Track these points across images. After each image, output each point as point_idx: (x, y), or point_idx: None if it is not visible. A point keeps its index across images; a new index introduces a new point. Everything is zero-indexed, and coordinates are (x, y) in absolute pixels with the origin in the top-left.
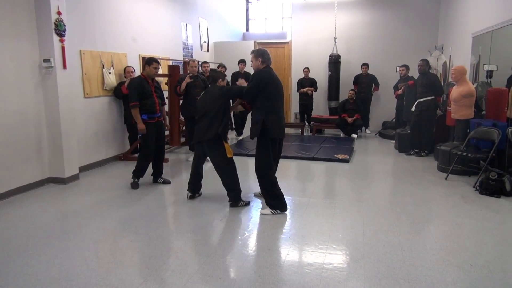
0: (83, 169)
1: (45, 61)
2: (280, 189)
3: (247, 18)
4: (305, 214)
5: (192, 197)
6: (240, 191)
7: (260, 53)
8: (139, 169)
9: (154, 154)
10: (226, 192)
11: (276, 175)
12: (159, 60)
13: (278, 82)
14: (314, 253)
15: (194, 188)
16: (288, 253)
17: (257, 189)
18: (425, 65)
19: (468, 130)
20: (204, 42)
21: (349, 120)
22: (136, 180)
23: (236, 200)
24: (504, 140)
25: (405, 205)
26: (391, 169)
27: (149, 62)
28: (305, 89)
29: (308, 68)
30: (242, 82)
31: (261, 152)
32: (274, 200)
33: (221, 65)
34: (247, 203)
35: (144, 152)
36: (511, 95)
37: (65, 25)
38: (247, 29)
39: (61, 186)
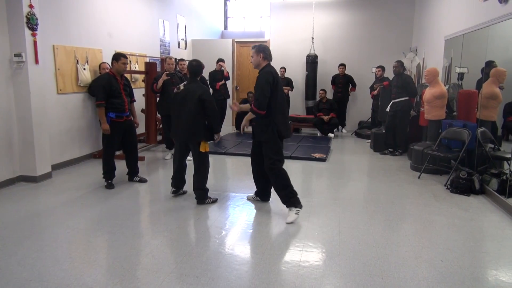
0: (56, 167)
1: (16, 55)
2: (293, 186)
3: (226, 16)
4: (282, 212)
5: (175, 192)
6: (206, 190)
7: (262, 49)
8: (107, 170)
9: (127, 155)
10: None
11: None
12: (127, 56)
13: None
14: (291, 250)
15: (178, 183)
16: (265, 251)
17: (232, 189)
18: (399, 67)
19: (440, 131)
20: (182, 39)
21: (325, 118)
22: (109, 181)
23: (202, 198)
24: (474, 141)
25: (379, 203)
26: (366, 168)
27: (116, 57)
28: None
29: (284, 68)
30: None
31: (270, 151)
32: (292, 198)
33: None
34: (215, 200)
35: (106, 152)
36: (481, 97)
37: (37, 19)
38: (226, 28)
39: (32, 184)
